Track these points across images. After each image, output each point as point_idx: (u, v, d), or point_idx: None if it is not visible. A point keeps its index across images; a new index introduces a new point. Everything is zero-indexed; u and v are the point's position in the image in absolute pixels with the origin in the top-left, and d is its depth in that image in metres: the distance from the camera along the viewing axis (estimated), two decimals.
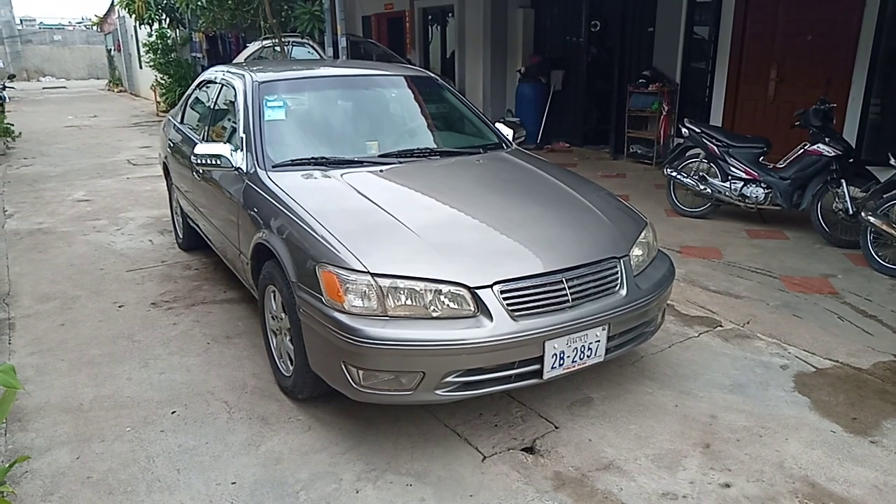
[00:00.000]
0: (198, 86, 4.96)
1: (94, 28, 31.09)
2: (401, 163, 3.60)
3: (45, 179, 8.54)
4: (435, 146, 3.98)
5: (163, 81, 16.84)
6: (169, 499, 2.49)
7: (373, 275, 2.55)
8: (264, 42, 11.12)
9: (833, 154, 5.27)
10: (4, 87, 17.18)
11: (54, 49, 37.51)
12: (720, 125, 7.54)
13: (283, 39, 10.17)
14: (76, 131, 13.71)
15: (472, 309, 2.57)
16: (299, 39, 10.79)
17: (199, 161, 3.50)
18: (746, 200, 5.75)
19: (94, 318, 4.14)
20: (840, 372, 3.38)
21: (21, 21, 39.28)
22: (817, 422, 2.95)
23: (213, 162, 3.47)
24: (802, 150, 5.52)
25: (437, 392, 2.58)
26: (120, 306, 4.32)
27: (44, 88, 29.36)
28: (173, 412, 3.07)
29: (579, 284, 2.75)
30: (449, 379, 2.55)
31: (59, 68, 36.86)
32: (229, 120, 4.02)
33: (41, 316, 4.18)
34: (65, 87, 30.19)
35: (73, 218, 6.58)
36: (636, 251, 3.05)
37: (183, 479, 2.60)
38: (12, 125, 11.15)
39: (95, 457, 2.74)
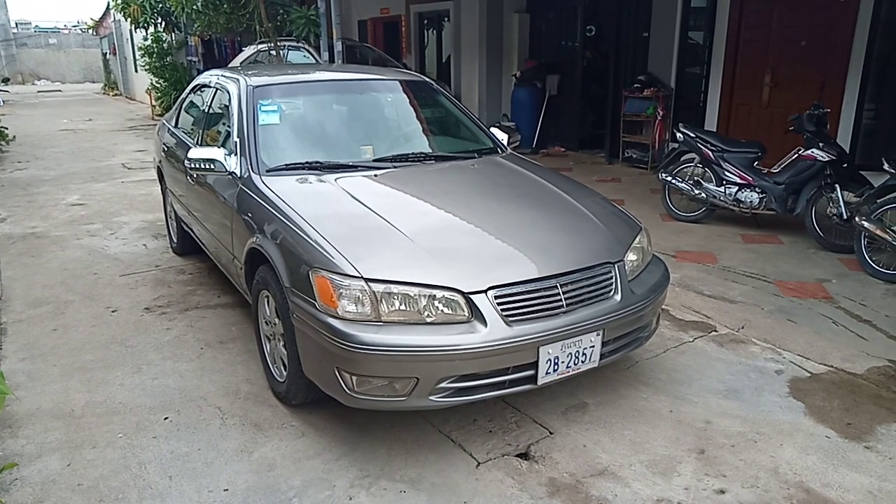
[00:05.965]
0: (192, 90, 4.95)
1: (90, 31, 31.03)
2: (395, 167, 3.59)
3: (39, 183, 8.50)
4: (430, 151, 3.97)
5: (158, 85, 16.82)
6: None
7: (366, 280, 2.54)
8: (260, 46, 11.10)
9: (827, 159, 5.29)
10: None
11: (49, 52, 37.38)
12: (715, 130, 7.55)
13: (278, 43, 10.16)
14: (71, 135, 13.67)
15: (467, 314, 2.56)
16: (295, 43, 10.78)
17: (192, 165, 3.48)
18: (741, 205, 5.77)
19: (86, 323, 4.12)
20: (834, 377, 3.38)
21: (16, 24, 39.12)
22: (812, 427, 2.95)
23: (207, 166, 3.46)
24: (797, 155, 5.54)
25: (431, 398, 2.57)
26: (113, 311, 4.30)
27: (38, 92, 29.26)
28: (166, 418, 3.04)
29: (574, 290, 2.74)
30: (443, 385, 2.55)
31: (54, 72, 36.74)
32: (224, 124, 4.00)
33: (33, 321, 4.15)
34: (60, 91, 30.08)
35: (66, 222, 6.55)
36: (631, 256, 3.05)
37: (175, 485, 2.58)
38: (6, 128, 11.11)
39: (86, 464, 2.72)
